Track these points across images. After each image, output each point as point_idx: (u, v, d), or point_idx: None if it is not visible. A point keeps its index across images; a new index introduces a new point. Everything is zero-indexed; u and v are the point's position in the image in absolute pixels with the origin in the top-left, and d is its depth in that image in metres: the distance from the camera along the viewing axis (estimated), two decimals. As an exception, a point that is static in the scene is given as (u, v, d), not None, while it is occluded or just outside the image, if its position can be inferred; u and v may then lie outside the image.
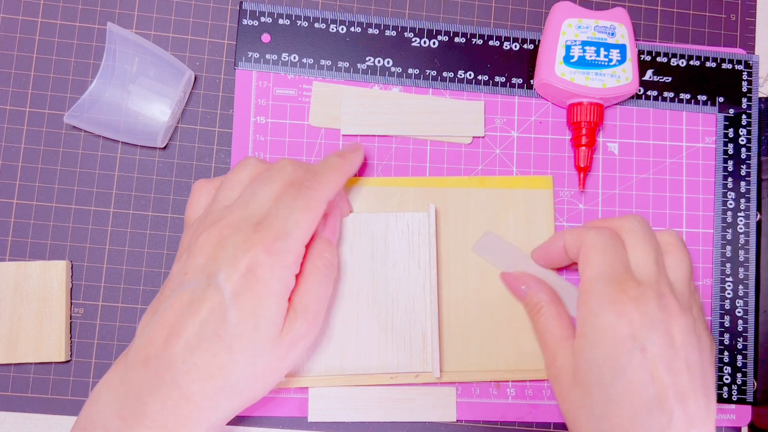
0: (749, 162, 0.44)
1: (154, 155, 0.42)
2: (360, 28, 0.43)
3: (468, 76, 0.43)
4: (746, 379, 0.43)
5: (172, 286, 0.32)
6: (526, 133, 0.43)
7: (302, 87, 0.43)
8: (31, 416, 0.40)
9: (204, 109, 0.43)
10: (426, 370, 0.40)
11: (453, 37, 0.43)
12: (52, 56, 0.42)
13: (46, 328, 0.40)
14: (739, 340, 0.43)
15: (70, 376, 0.40)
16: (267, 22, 0.42)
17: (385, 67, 0.43)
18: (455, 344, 0.41)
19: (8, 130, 0.42)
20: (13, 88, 0.42)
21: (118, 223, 0.41)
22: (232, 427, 0.41)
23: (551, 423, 0.42)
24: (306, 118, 0.42)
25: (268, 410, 0.40)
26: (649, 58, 0.44)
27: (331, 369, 0.40)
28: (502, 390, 0.42)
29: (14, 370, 0.40)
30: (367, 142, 0.43)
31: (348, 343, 0.40)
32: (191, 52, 0.43)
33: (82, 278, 0.41)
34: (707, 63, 0.44)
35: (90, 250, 0.41)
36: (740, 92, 0.44)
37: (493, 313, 0.41)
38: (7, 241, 0.41)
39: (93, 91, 0.40)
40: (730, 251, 0.43)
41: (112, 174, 0.42)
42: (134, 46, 0.40)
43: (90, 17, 0.42)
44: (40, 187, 0.41)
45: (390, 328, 0.40)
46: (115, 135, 0.41)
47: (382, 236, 0.40)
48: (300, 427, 0.41)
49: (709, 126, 0.44)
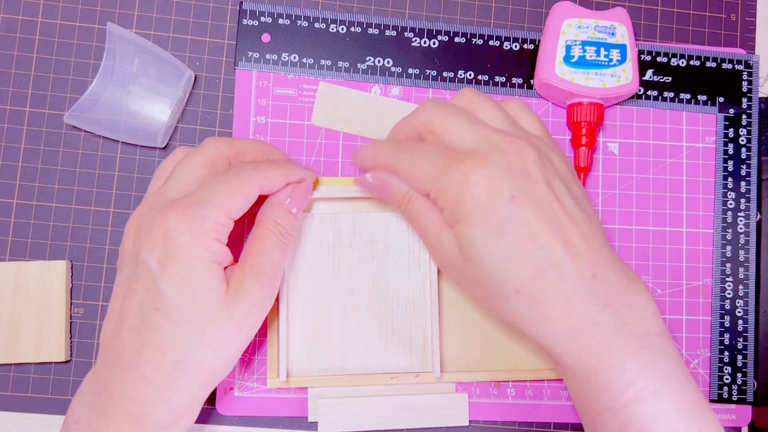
0: (749, 162, 0.44)
1: (154, 155, 0.42)
2: (360, 28, 0.43)
3: (468, 76, 0.43)
4: (746, 379, 0.43)
5: (116, 280, 0.34)
6: (526, 133, 0.43)
7: (302, 87, 0.43)
8: (30, 416, 0.40)
9: (204, 109, 0.43)
10: (426, 370, 0.40)
11: (453, 37, 0.43)
12: (52, 56, 0.42)
13: (46, 328, 0.40)
14: (739, 340, 0.43)
15: (70, 376, 0.40)
16: (267, 22, 0.42)
17: (385, 67, 0.43)
18: (455, 344, 0.41)
19: (8, 130, 0.41)
20: (13, 88, 0.42)
21: (119, 223, 0.41)
22: (232, 428, 0.41)
23: (551, 423, 0.42)
24: (306, 118, 0.42)
25: (268, 410, 0.40)
26: (649, 58, 0.44)
27: (331, 369, 0.40)
28: (502, 390, 0.42)
29: (14, 370, 0.40)
30: (366, 142, 0.42)
31: (348, 343, 0.40)
32: (191, 52, 0.43)
33: (82, 278, 0.41)
34: (707, 63, 0.44)
35: (90, 250, 0.41)
36: (740, 92, 0.44)
37: (493, 313, 0.41)
38: (7, 241, 0.41)
39: (93, 91, 0.40)
40: (731, 251, 0.43)
41: (112, 174, 0.42)
42: (134, 46, 0.40)
43: (90, 17, 0.42)
44: (40, 187, 0.41)
45: (390, 328, 0.40)
46: (115, 135, 0.41)
47: (382, 236, 0.40)
48: (300, 427, 0.41)
49: (709, 126, 0.44)
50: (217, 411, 0.40)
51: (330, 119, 0.42)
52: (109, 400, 0.31)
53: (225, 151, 0.35)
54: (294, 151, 0.42)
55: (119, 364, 0.31)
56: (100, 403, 0.31)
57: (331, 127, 0.42)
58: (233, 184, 0.33)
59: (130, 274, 0.32)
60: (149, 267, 0.31)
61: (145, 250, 0.31)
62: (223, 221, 0.32)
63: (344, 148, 0.42)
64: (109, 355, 0.32)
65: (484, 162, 0.32)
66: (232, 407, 0.40)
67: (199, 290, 0.31)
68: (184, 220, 0.31)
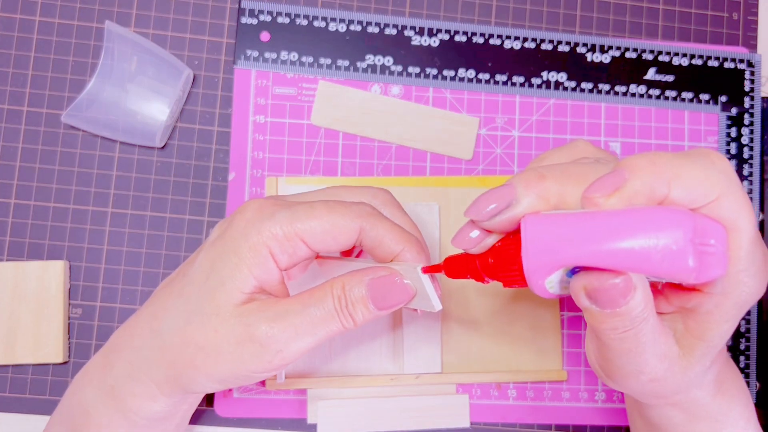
0: (752, 161, 0.44)
1: (153, 155, 0.42)
2: (360, 26, 0.43)
3: (469, 75, 0.43)
4: (749, 380, 0.42)
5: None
6: (527, 133, 0.43)
7: (301, 86, 0.42)
8: (29, 417, 0.40)
9: (203, 108, 0.42)
10: (427, 371, 0.40)
11: (454, 36, 0.43)
12: (50, 55, 0.42)
13: (44, 328, 0.39)
14: (741, 341, 0.43)
15: (68, 377, 0.40)
16: (266, 21, 0.42)
17: (386, 66, 0.42)
18: (456, 345, 0.41)
19: (6, 129, 0.41)
20: (11, 87, 0.41)
21: (117, 223, 0.41)
22: (231, 429, 0.40)
23: (552, 425, 0.42)
24: (305, 117, 0.42)
25: (267, 412, 0.40)
26: (651, 57, 0.44)
27: (331, 370, 0.39)
28: (503, 391, 0.41)
29: (12, 371, 0.40)
30: (366, 141, 0.42)
31: (348, 344, 0.40)
32: (190, 50, 0.42)
33: (81, 278, 0.41)
34: (709, 62, 0.44)
35: (88, 250, 0.41)
36: (743, 91, 0.44)
37: (494, 313, 0.41)
38: (5, 241, 0.41)
39: (91, 90, 0.40)
40: (733, 251, 0.43)
41: (110, 174, 0.41)
42: (132, 44, 0.40)
43: (88, 16, 0.42)
44: (37, 187, 0.41)
45: (390, 330, 0.40)
46: (114, 134, 0.41)
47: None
48: (299, 428, 0.40)
49: (711, 125, 0.44)
50: (215, 412, 0.40)
51: (329, 118, 0.42)
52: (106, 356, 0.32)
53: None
54: (294, 151, 0.42)
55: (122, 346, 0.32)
56: (107, 393, 0.32)
57: (330, 127, 0.42)
58: (334, 210, 0.29)
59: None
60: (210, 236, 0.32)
61: (218, 224, 0.32)
62: (294, 241, 0.29)
63: (344, 147, 0.42)
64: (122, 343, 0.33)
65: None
66: (230, 409, 0.40)
67: (212, 277, 0.29)
68: (266, 219, 0.29)
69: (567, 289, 0.25)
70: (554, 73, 0.43)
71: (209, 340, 0.29)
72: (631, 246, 0.22)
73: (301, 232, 0.29)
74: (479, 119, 0.43)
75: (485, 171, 0.43)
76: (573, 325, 0.42)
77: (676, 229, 0.21)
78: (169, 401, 0.31)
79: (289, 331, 0.28)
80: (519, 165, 0.43)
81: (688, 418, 0.30)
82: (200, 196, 0.42)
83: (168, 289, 0.31)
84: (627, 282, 0.23)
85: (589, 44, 0.44)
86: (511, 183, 0.25)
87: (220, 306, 0.29)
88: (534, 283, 0.24)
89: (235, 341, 0.29)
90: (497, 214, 0.25)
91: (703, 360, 0.26)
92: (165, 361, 0.30)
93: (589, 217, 0.23)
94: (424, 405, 0.40)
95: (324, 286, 0.29)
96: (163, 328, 0.30)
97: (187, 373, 0.30)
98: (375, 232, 0.30)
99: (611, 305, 0.23)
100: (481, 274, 0.27)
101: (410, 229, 0.32)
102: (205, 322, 0.29)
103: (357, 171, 0.42)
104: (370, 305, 0.29)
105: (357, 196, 0.32)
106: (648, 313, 0.24)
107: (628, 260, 0.22)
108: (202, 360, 0.29)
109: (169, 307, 0.31)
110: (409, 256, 0.30)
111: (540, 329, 0.41)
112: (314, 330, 0.29)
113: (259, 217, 0.29)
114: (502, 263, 0.26)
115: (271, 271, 0.29)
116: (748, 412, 0.31)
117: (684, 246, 0.21)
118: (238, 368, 0.29)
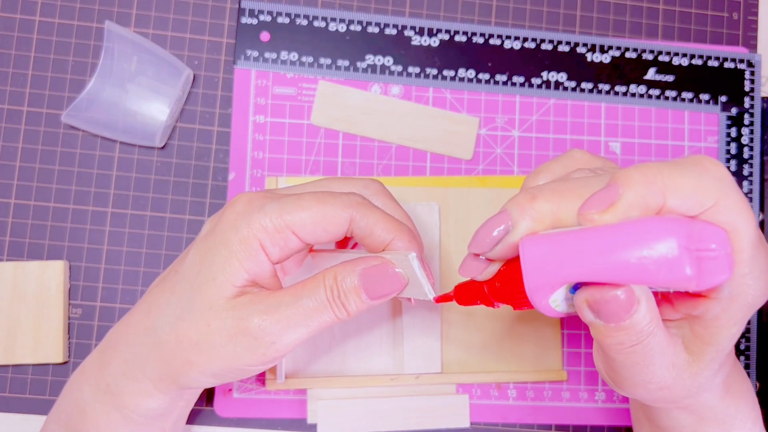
0: (752, 162, 0.44)
1: (153, 155, 0.42)
2: (360, 26, 0.43)
3: (469, 75, 0.43)
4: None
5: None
6: (527, 133, 0.43)
7: (301, 86, 0.42)
8: (28, 417, 0.40)
9: (203, 108, 0.42)
10: (427, 371, 0.40)
11: (454, 36, 0.43)
12: (50, 55, 0.42)
13: (43, 329, 0.39)
14: (741, 341, 0.43)
15: (68, 378, 0.40)
16: (266, 21, 0.42)
17: (386, 66, 0.42)
18: (456, 345, 0.41)
19: (6, 129, 0.41)
20: (10, 87, 0.41)
21: (117, 223, 0.41)
22: (230, 429, 0.40)
23: (552, 425, 0.42)
24: (305, 117, 0.42)
25: (266, 412, 0.40)
26: (652, 57, 0.44)
27: (331, 370, 0.39)
28: (503, 391, 0.41)
29: (12, 372, 0.40)
30: (366, 141, 0.42)
31: (348, 344, 0.39)
32: (190, 50, 0.42)
33: (80, 278, 0.41)
34: (709, 62, 0.44)
35: (88, 250, 0.41)
36: (743, 91, 0.44)
37: (494, 313, 0.41)
38: (5, 241, 0.41)
39: (91, 90, 0.40)
40: (733, 251, 0.43)
41: (110, 174, 0.41)
42: (132, 44, 0.40)
43: (88, 16, 0.42)
44: (37, 187, 0.41)
45: (390, 329, 0.40)
46: (113, 134, 0.41)
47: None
48: (299, 428, 0.40)
49: (711, 125, 0.44)
50: (215, 412, 0.40)
51: (329, 118, 0.42)
52: (104, 351, 0.33)
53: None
54: (294, 151, 0.42)
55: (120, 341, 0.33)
56: (103, 389, 0.32)
57: (330, 127, 0.42)
58: (323, 200, 0.29)
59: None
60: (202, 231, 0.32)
61: (209, 218, 0.32)
62: (285, 232, 0.29)
63: (344, 147, 0.42)
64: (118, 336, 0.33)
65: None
66: (230, 409, 0.40)
67: (203, 271, 0.29)
68: (255, 211, 0.29)
69: (573, 307, 0.25)
70: (554, 73, 0.43)
71: (202, 335, 0.29)
72: (626, 258, 0.22)
73: (291, 223, 0.29)
74: (479, 119, 0.43)
75: (485, 171, 0.43)
76: (573, 325, 0.42)
77: (668, 238, 0.22)
78: (166, 398, 0.31)
79: (282, 323, 0.28)
80: (519, 165, 0.43)
81: (697, 421, 0.30)
82: (200, 196, 0.42)
83: (161, 287, 0.31)
84: (629, 295, 0.23)
85: (589, 44, 0.44)
86: (505, 209, 0.25)
87: (212, 300, 0.29)
88: (538, 302, 0.25)
89: (228, 335, 0.29)
90: (497, 244, 0.26)
91: (712, 364, 0.26)
92: (159, 357, 0.30)
93: (584, 233, 0.23)
94: (424, 405, 0.40)
95: (316, 277, 0.29)
96: (157, 324, 0.30)
97: (181, 368, 0.30)
98: (365, 222, 0.30)
99: (615, 319, 0.24)
100: (490, 299, 0.28)
101: (401, 218, 0.32)
102: (198, 316, 0.29)
103: (357, 171, 0.42)
104: (363, 295, 0.29)
105: (348, 187, 0.32)
106: (654, 326, 0.24)
107: (625, 273, 0.22)
108: (196, 355, 0.29)
109: (162, 304, 0.31)
110: (400, 244, 0.30)
111: (540, 329, 0.41)
112: (307, 321, 0.29)
113: (249, 210, 0.29)
114: (508, 287, 0.27)
115: (263, 264, 0.29)
116: (755, 413, 0.31)
117: (679, 254, 0.21)
118: (232, 362, 0.29)
